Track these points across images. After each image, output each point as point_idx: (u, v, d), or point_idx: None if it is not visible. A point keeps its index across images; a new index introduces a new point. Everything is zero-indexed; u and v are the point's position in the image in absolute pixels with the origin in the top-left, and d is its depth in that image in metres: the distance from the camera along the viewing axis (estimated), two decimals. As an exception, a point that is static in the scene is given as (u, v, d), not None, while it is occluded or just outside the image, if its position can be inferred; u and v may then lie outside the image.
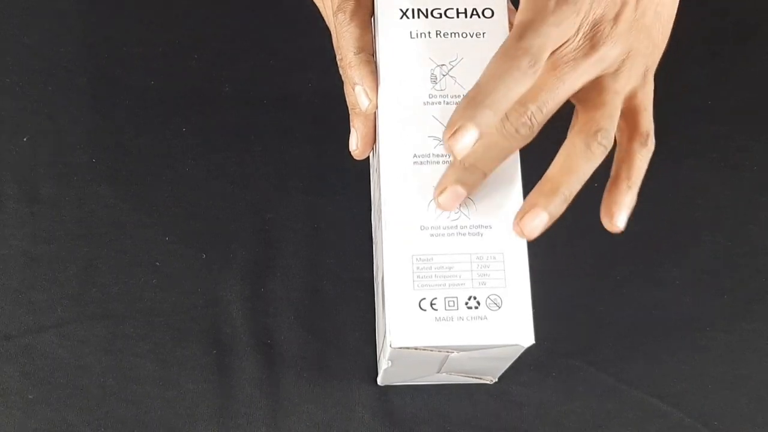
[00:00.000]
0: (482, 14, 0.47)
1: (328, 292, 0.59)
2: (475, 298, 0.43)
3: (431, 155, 0.45)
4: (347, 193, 0.61)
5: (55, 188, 0.61)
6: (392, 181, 0.45)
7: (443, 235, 0.44)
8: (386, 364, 0.48)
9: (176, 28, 0.65)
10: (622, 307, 0.59)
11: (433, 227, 0.44)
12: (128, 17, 0.65)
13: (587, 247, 0.60)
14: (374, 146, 0.49)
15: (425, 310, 0.43)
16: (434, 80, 0.46)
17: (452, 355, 0.45)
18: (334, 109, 0.51)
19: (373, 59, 0.47)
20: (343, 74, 0.48)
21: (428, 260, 0.44)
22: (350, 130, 0.49)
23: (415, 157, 0.45)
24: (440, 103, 0.46)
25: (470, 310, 0.43)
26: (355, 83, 0.47)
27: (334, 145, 0.57)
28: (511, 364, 0.50)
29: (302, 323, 0.58)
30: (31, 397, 0.56)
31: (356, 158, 0.50)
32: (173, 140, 0.62)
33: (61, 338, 0.58)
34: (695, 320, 0.59)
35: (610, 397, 0.57)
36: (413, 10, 0.47)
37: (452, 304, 0.43)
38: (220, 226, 0.60)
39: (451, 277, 0.43)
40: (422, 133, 0.45)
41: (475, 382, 0.56)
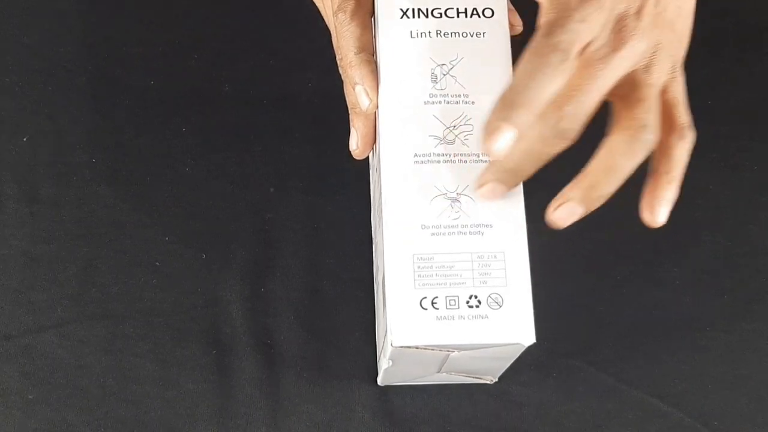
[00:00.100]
0: (482, 14, 0.47)
1: (328, 292, 0.59)
2: (476, 297, 0.43)
3: (432, 154, 0.45)
4: (347, 193, 0.61)
5: (54, 188, 0.61)
6: (393, 180, 0.45)
7: (444, 234, 0.44)
8: (387, 363, 0.48)
9: (176, 28, 0.65)
10: (622, 307, 0.59)
11: (433, 226, 0.44)
12: (128, 17, 0.65)
13: (587, 247, 0.60)
14: (374, 146, 0.49)
15: (426, 309, 0.43)
16: (434, 80, 0.46)
17: (453, 354, 0.45)
18: (334, 109, 0.51)
19: (373, 59, 0.47)
20: (343, 74, 0.48)
21: (429, 259, 0.44)
22: (350, 129, 0.49)
23: (415, 156, 0.45)
24: (440, 102, 0.46)
25: (471, 309, 0.43)
26: (355, 83, 0.47)
27: (334, 145, 0.57)
28: (511, 364, 0.50)
29: (302, 323, 0.58)
30: (31, 397, 0.56)
31: (356, 158, 0.50)
32: (173, 140, 0.62)
33: (61, 338, 0.58)
34: (695, 320, 0.59)
35: (610, 397, 0.57)
36: (413, 9, 0.47)
37: (453, 303, 0.43)
38: (220, 226, 0.60)
39: (452, 276, 0.43)
40: (423, 132, 0.45)
41: (475, 382, 0.56)
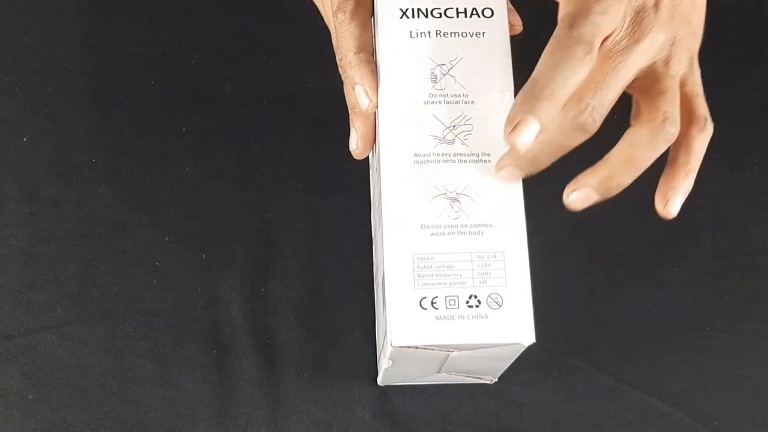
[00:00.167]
0: (482, 14, 0.47)
1: (328, 292, 0.59)
2: (475, 296, 0.43)
3: (431, 154, 0.45)
4: (347, 193, 0.61)
5: (54, 188, 0.61)
6: (392, 180, 0.45)
7: (444, 234, 0.44)
8: (387, 363, 0.48)
9: (176, 28, 0.65)
10: (622, 307, 0.59)
11: (433, 226, 0.44)
12: (128, 17, 0.65)
13: (587, 247, 0.60)
14: (374, 146, 0.49)
15: (426, 309, 0.43)
16: (434, 79, 0.46)
17: (453, 354, 0.45)
18: (334, 109, 0.51)
19: (373, 59, 0.47)
20: (342, 74, 0.48)
21: (429, 259, 0.44)
22: (350, 129, 0.49)
23: (415, 156, 0.45)
24: (440, 102, 0.46)
25: (471, 308, 0.43)
26: (355, 83, 0.47)
27: (334, 145, 0.57)
28: (511, 363, 0.50)
29: (302, 323, 0.58)
30: (31, 397, 0.56)
31: (356, 158, 0.50)
32: (173, 140, 0.62)
33: (60, 338, 0.58)
34: (695, 320, 0.59)
35: (610, 397, 0.57)
36: (413, 9, 0.47)
37: (453, 302, 0.43)
38: (220, 226, 0.60)
39: (451, 276, 0.43)
40: (422, 132, 0.45)
41: (475, 382, 0.56)
